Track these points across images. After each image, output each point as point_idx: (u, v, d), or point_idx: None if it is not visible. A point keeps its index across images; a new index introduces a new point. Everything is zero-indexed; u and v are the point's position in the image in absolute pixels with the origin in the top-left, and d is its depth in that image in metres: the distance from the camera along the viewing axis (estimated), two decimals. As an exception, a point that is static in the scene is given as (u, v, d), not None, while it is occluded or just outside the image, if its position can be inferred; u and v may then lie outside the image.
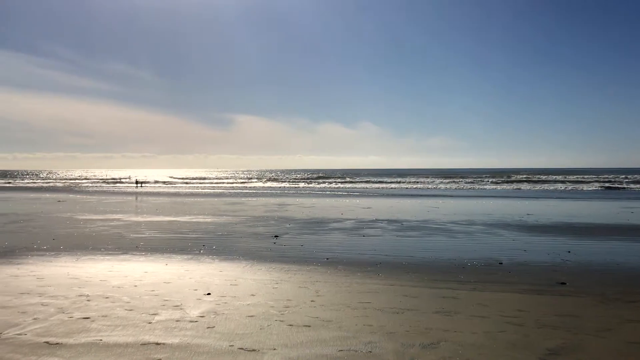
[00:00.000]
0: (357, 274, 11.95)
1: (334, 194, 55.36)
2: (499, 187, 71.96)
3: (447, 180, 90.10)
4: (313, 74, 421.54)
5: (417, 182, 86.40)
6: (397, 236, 19.02)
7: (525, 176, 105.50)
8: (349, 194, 54.92)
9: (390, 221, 24.27)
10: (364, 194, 55.05)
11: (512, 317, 8.18)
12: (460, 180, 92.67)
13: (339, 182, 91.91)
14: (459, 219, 25.50)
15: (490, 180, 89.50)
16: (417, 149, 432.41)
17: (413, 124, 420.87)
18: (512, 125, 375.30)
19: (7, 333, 7.14)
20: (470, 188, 69.77)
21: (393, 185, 78.34)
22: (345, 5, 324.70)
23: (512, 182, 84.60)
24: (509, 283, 11.07)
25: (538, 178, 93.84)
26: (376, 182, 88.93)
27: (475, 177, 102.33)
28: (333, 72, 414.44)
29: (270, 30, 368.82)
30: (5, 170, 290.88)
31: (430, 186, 75.45)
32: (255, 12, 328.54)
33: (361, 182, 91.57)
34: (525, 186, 72.94)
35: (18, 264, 13.28)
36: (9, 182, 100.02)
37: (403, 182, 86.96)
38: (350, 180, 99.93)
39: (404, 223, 23.39)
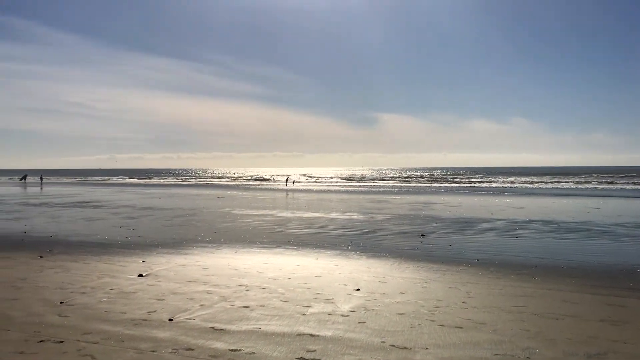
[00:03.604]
0: (510, 277, 11.43)
1: (482, 192, 53.27)
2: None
3: (608, 179, 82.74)
4: (458, 70, 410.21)
5: (574, 181, 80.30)
6: (553, 238, 17.88)
7: None
8: (499, 192, 52.53)
9: (545, 222, 22.86)
10: (515, 193, 52.36)
11: (695, 332, 7.30)
12: (623, 179, 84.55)
13: (487, 181, 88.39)
14: (623, 220, 23.32)
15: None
16: (575, 145, 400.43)
17: (570, 119, 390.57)
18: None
19: (179, 317, 7.84)
20: (635, 188, 63.30)
21: (548, 185, 73.43)
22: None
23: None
24: (689, 293, 9.91)
25: None
26: (529, 181, 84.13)
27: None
28: (480, 68, 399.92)
29: (415, 28, 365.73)
30: (171, 169, 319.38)
31: (588, 185, 69.63)
32: (398, 11, 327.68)
33: (512, 180, 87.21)
34: None
35: (185, 254, 14.54)
36: (174, 180, 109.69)
37: (559, 181, 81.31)
38: (500, 178, 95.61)
39: (560, 224, 21.90)
